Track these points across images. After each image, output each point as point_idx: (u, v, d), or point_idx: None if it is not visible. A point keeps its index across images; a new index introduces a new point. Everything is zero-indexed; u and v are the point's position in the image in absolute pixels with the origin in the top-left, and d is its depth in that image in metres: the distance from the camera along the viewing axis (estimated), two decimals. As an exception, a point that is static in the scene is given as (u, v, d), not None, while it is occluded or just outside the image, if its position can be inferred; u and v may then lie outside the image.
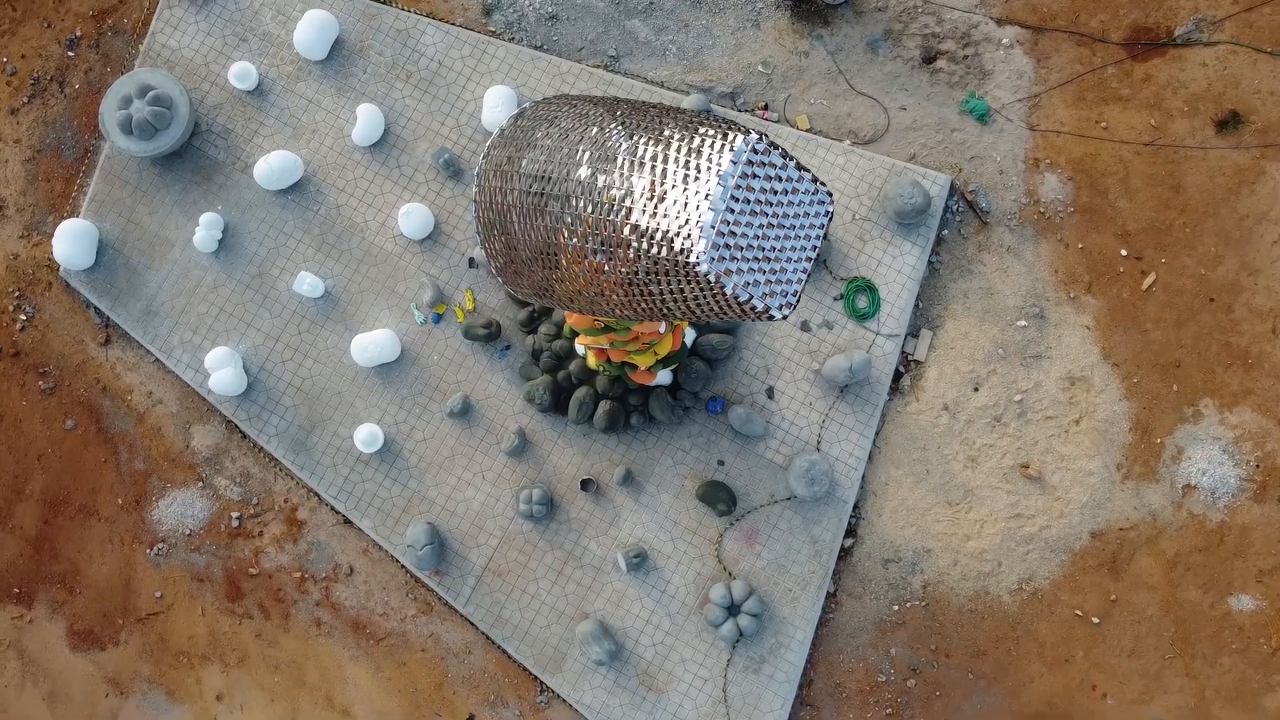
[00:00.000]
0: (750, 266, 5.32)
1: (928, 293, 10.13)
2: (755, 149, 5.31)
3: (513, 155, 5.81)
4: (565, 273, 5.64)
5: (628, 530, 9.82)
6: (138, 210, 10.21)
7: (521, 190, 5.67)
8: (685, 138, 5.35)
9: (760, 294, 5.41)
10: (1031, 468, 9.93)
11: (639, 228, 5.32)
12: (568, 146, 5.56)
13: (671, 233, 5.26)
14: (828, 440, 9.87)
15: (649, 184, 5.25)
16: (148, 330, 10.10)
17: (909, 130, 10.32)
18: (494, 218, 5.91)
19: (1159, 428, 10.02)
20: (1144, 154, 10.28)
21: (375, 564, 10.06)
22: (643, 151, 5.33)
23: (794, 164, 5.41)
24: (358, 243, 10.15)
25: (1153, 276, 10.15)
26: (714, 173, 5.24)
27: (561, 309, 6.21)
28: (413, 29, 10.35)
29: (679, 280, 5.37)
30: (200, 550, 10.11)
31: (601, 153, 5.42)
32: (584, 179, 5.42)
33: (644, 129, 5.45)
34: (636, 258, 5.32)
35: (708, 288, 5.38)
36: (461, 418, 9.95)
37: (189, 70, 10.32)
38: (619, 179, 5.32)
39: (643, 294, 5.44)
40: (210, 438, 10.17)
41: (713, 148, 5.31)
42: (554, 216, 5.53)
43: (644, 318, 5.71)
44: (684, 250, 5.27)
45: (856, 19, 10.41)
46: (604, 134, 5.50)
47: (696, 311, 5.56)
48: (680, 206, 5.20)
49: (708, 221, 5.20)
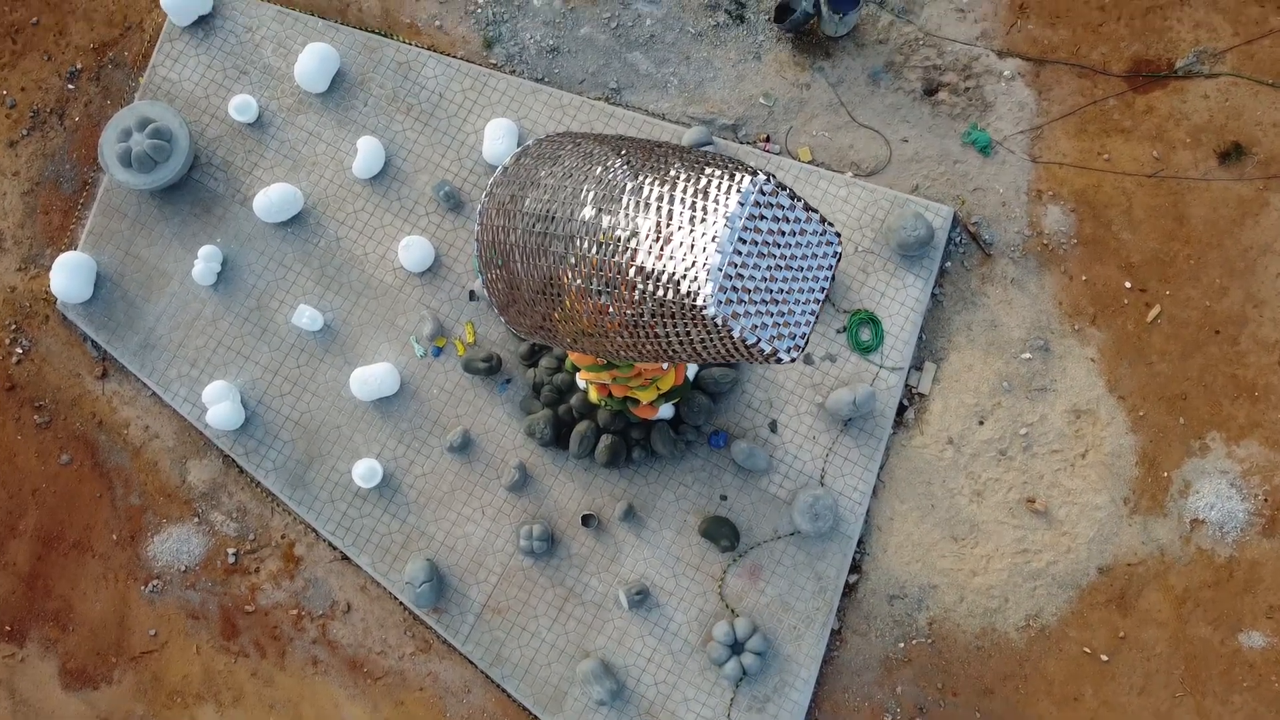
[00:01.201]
0: (758, 309, 5.24)
1: (931, 325, 10.06)
2: (763, 190, 5.25)
3: (516, 194, 5.74)
4: (569, 313, 5.56)
5: (629, 566, 9.68)
6: (136, 243, 10.15)
7: (525, 229, 5.60)
8: (691, 178, 5.29)
9: (768, 336, 5.33)
10: (1038, 502, 9.82)
11: (644, 269, 5.24)
12: (572, 185, 5.50)
13: (678, 275, 5.18)
14: (831, 474, 9.76)
15: (655, 225, 5.19)
16: (145, 364, 10.00)
17: (911, 162, 10.29)
18: (496, 256, 5.83)
19: (1166, 461, 9.92)
20: (1147, 185, 10.25)
21: (373, 601, 9.91)
22: (648, 192, 5.27)
23: (802, 204, 5.35)
24: (357, 275, 10.08)
25: (1157, 309, 10.09)
26: (721, 214, 5.18)
27: (564, 349, 6.13)
28: (413, 62, 10.34)
29: (685, 323, 5.29)
30: (196, 587, 9.96)
31: (606, 192, 5.36)
32: (588, 219, 5.35)
33: (649, 169, 5.39)
34: (642, 300, 5.24)
35: (715, 331, 5.29)
36: (461, 452, 9.84)
37: (189, 103, 10.29)
38: (624, 220, 5.25)
39: (648, 336, 5.36)
40: (207, 472, 10.05)
41: (719, 189, 5.25)
42: (557, 256, 5.45)
43: (649, 359, 5.62)
44: (691, 293, 5.18)
45: (858, 51, 10.41)
46: (608, 173, 5.43)
47: (703, 354, 5.47)
48: (687, 249, 5.13)
49: (715, 264, 5.13)
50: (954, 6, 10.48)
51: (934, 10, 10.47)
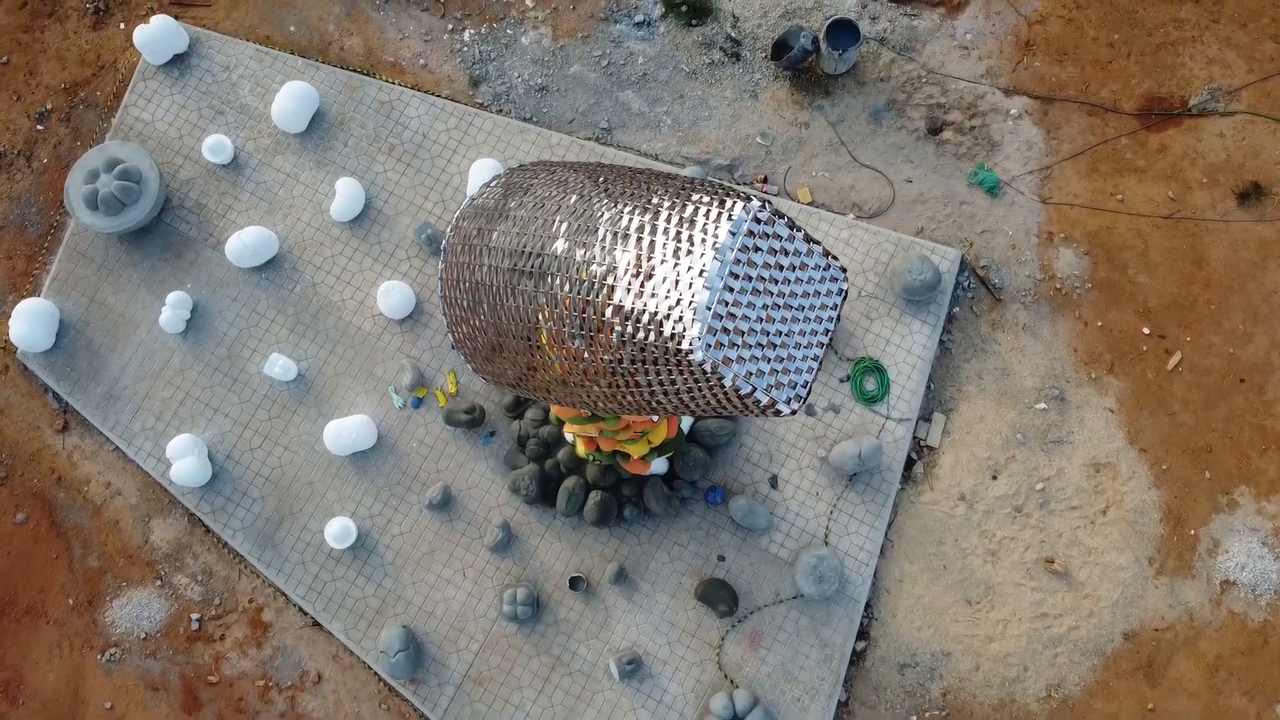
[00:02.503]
0: (753, 354, 4.64)
1: (940, 374, 9.51)
2: (757, 218, 4.68)
3: (483, 227, 5.18)
4: (541, 360, 4.99)
5: (620, 633, 9.03)
6: (102, 289, 9.65)
7: (492, 266, 5.03)
8: (677, 206, 4.72)
9: (765, 385, 4.71)
10: (1057, 562, 9.19)
11: (623, 309, 4.64)
12: (543, 217, 4.94)
13: (660, 314, 4.57)
14: (836, 533, 9.15)
15: (634, 259, 4.61)
16: (108, 416, 9.45)
17: (916, 203, 9.83)
18: (462, 296, 5.27)
19: (1192, 518, 9.31)
20: (1163, 227, 9.78)
21: (346, 670, 9.23)
22: (627, 221, 4.70)
23: (802, 235, 4.78)
24: (334, 323, 9.57)
25: (1178, 356, 9.56)
26: (710, 245, 4.58)
27: (540, 400, 5.56)
28: (396, 101, 9.93)
29: (670, 370, 4.67)
30: (156, 655, 9.29)
31: (580, 224, 4.79)
32: (560, 253, 4.79)
33: (629, 196, 4.83)
34: (620, 344, 4.67)
35: (703, 379, 4.69)
36: (441, 510, 9.24)
37: (162, 144, 9.87)
38: (600, 253, 4.69)
39: (628, 385, 4.76)
40: (171, 532, 9.44)
41: (708, 217, 4.65)
42: (527, 296, 4.88)
43: (631, 411, 5.04)
44: (675, 335, 4.57)
45: (858, 89, 10.01)
46: (584, 202, 4.87)
47: (691, 406, 4.86)
48: (671, 284, 4.54)
49: (702, 302, 4.53)
50: (957, 44, 10.10)
51: (936, 47, 10.09)
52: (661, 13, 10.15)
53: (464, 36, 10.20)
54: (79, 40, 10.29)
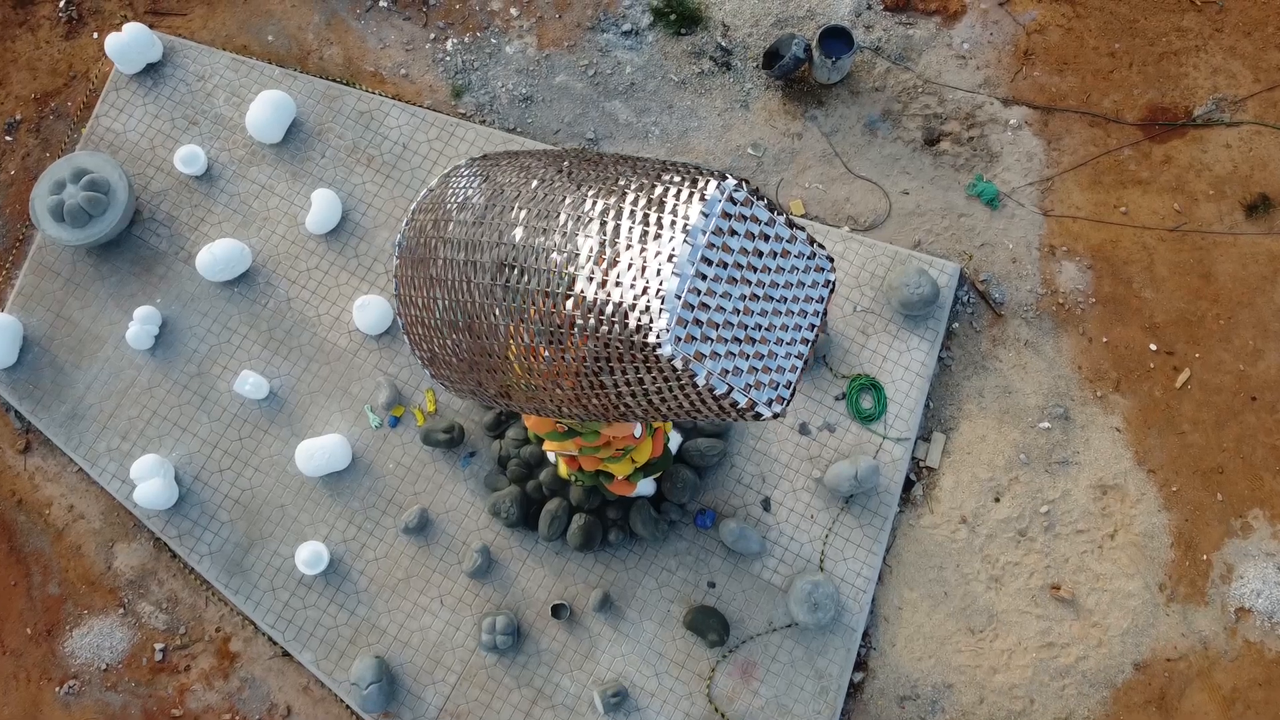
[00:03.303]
0: (728, 349, 4.20)
1: (939, 392, 9.13)
2: (733, 198, 4.24)
3: (439, 218, 4.81)
4: (498, 361, 4.60)
5: (606, 664, 8.57)
6: (68, 304, 9.29)
7: (447, 259, 4.63)
8: (645, 187, 4.32)
9: (742, 385, 4.26)
10: (1063, 589, 8.77)
11: (585, 300, 4.21)
12: (502, 204, 4.55)
13: (626, 304, 4.13)
14: (832, 558, 8.73)
15: (598, 245, 4.20)
16: (71, 436, 9.05)
17: (912, 215, 9.50)
18: (417, 294, 4.89)
19: (1205, 542, 8.90)
20: (1169, 240, 9.44)
21: (316, 704, 8.77)
22: (590, 205, 4.30)
23: (784, 219, 4.38)
24: (309, 339, 9.20)
25: (1187, 373, 9.18)
26: (679, 228, 4.15)
27: (501, 408, 5.16)
28: (376, 111, 9.63)
29: (637, 367, 4.22)
30: (117, 688, 8.83)
31: (540, 209, 4.43)
32: (519, 242, 4.41)
33: (594, 180, 4.45)
34: (583, 339, 4.28)
35: (673, 377, 4.23)
36: (418, 534, 8.82)
37: (133, 155, 9.55)
38: (560, 240, 4.31)
39: (592, 387, 4.37)
40: (135, 558, 9.01)
41: (678, 197, 4.22)
42: (483, 290, 4.49)
43: (598, 417, 4.64)
44: (641, 327, 4.12)
45: (853, 99, 9.71)
46: (546, 187, 4.49)
47: (662, 409, 4.44)
48: (637, 271, 4.10)
49: (671, 289, 4.08)
50: (954, 53, 9.82)
51: (933, 57, 9.80)
52: (650, 22, 9.88)
53: (447, 46, 9.92)
54: (51, 50, 10.00)
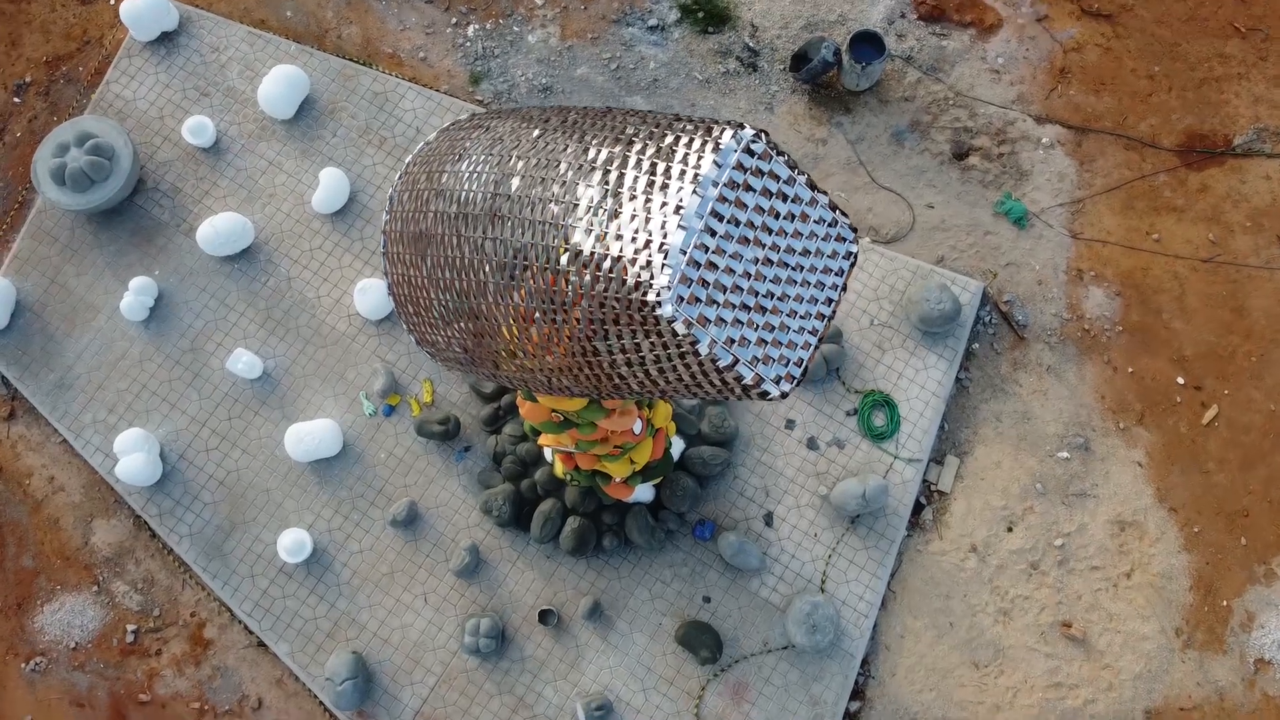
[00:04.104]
0: (736, 316, 3.79)
1: (955, 413, 8.79)
2: (750, 149, 3.84)
3: (433, 170, 4.50)
4: (486, 325, 4.26)
5: (592, 675, 8.21)
6: (64, 271, 9.05)
7: (438, 212, 4.30)
8: (654, 135, 3.96)
9: (749, 357, 3.84)
10: (1074, 627, 8.37)
11: (580, 254, 3.83)
12: (500, 153, 4.20)
13: (625, 259, 3.74)
14: (834, 579, 8.36)
15: (600, 195, 3.83)
16: (57, 406, 8.79)
17: (936, 230, 9.18)
18: (405, 250, 4.56)
19: (1225, 587, 8.49)
20: (1201, 270, 9.09)
21: (289, 698, 8.43)
22: (594, 154, 3.94)
23: (805, 179, 4.04)
24: (307, 320, 8.93)
25: (1214, 409, 8.81)
26: (689, 178, 3.76)
27: (489, 379, 4.84)
28: (392, 93, 9.40)
29: (634, 331, 3.82)
30: (85, 668, 8.52)
31: (541, 158, 4.07)
32: (514, 192, 4.11)
33: (600, 129, 4.12)
34: (577, 298, 3.90)
35: (674, 343, 3.82)
36: (406, 528, 8.51)
37: (141, 123, 9.34)
38: (559, 190, 3.94)
39: (585, 354, 4.01)
40: (114, 534, 8.72)
41: (690, 146, 3.84)
42: (473, 244, 4.16)
43: (591, 393, 4.31)
44: (641, 284, 3.72)
45: (881, 108, 9.43)
46: (547, 136, 4.18)
47: (660, 382, 4.06)
48: (640, 223, 3.71)
49: (676, 244, 3.67)
50: (988, 66, 9.53)
51: (966, 69, 9.52)
52: (677, 18, 9.64)
53: (467, 32, 9.70)
54: (66, 13, 9.83)
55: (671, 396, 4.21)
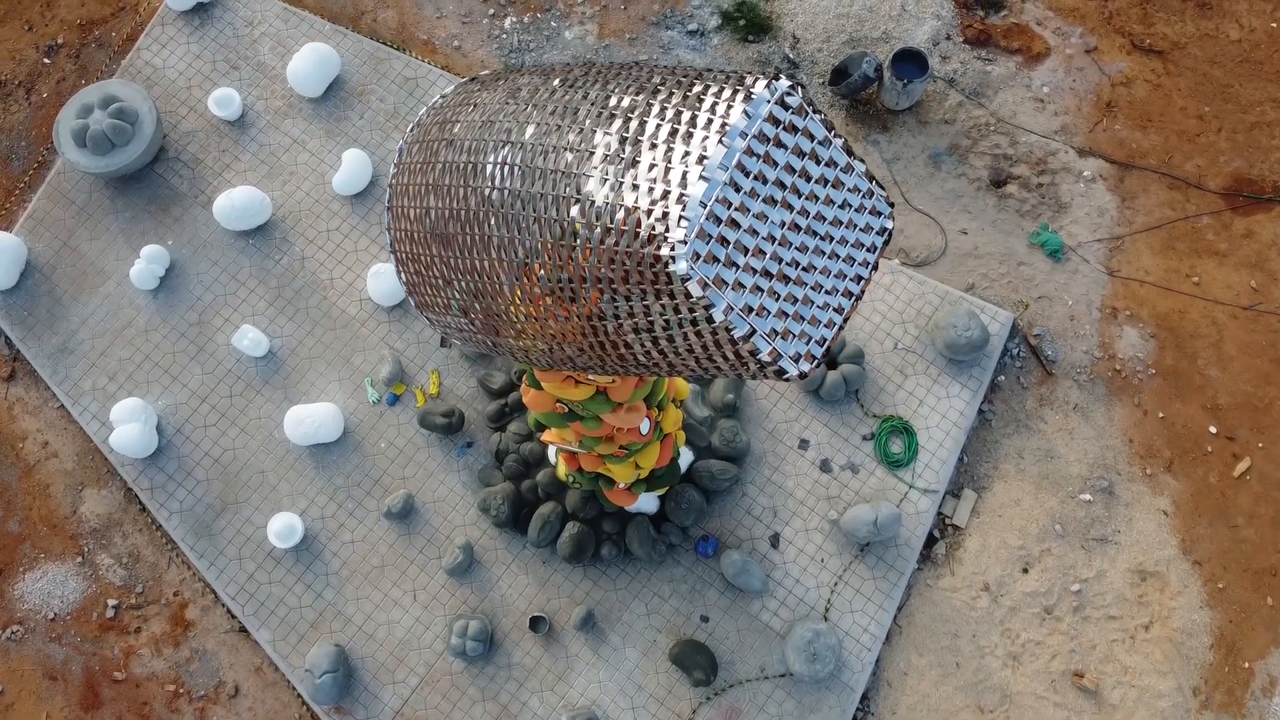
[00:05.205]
0: (756, 282, 3.46)
1: (975, 446, 8.47)
2: (784, 102, 3.52)
3: (445, 120, 4.26)
4: (487, 284, 4.00)
5: (580, 688, 7.91)
6: (78, 234, 8.91)
7: (448, 163, 4.04)
8: (682, 84, 3.66)
9: (768, 329, 3.51)
10: (1087, 678, 8.00)
11: (592, 204, 3.52)
12: (516, 105, 3.95)
13: (641, 210, 3.44)
14: (839, 608, 8.04)
15: (616, 142, 3.53)
16: (57, 370, 8.62)
17: (969, 257, 8.91)
18: (410, 205, 4.31)
19: (1248, 649, 8.10)
20: (1241, 318, 8.77)
21: (267, 687, 8.16)
22: (615, 101, 3.66)
23: (841, 143, 3.73)
24: (318, 301, 8.74)
25: (1247, 462, 8.46)
26: (716, 128, 3.46)
27: (486, 349, 4.57)
28: (423, 79, 9.25)
29: (644, 292, 3.51)
30: (61, 640, 8.28)
31: (559, 106, 3.80)
32: (527, 140, 3.82)
33: (625, 78, 3.82)
34: (585, 253, 3.60)
35: (686, 307, 3.50)
36: (401, 521, 8.26)
37: (169, 91, 9.22)
38: (576, 138, 3.65)
39: (591, 319, 3.71)
40: (103, 505, 8.51)
41: (719, 95, 3.54)
42: (480, 196, 3.93)
43: (594, 365, 4.03)
44: (655, 238, 3.40)
45: (919, 128, 9.19)
46: (568, 85, 3.89)
47: (670, 354, 3.74)
48: (660, 174, 3.41)
49: (696, 195, 3.35)
50: (1032, 95, 9.29)
51: (1010, 96, 9.28)
52: (718, 24, 9.46)
53: (504, 23, 9.56)
54: (104, -22, 9.76)
55: (680, 373, 3.92)
